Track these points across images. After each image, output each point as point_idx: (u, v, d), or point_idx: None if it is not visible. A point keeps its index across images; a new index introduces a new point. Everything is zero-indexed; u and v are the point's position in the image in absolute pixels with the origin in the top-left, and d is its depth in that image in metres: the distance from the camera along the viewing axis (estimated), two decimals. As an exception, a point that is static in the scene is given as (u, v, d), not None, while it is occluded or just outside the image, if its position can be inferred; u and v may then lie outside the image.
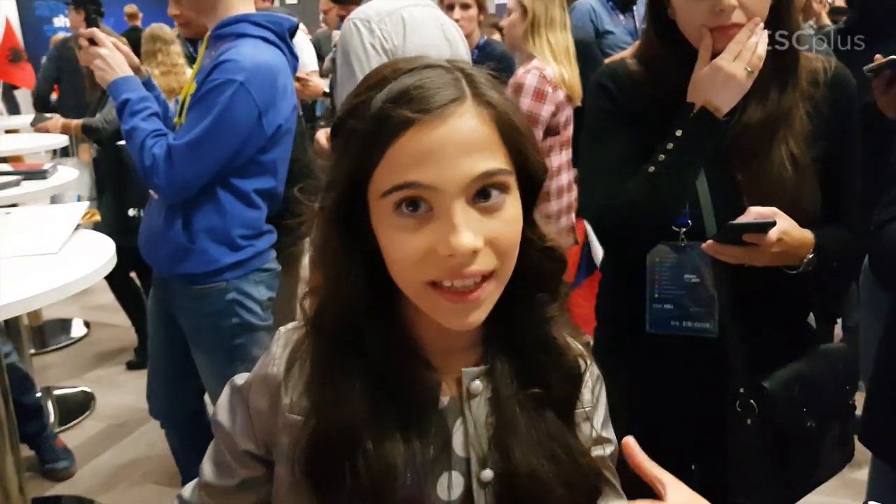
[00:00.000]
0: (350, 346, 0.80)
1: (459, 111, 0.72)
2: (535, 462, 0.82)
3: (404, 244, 0.73)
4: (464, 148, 0.72)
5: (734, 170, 1.31)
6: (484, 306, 0.76)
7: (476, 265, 0.72)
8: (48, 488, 2.89)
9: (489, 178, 0.72)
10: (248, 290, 2.00)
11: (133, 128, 1.90)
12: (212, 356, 2.05)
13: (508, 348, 0.85)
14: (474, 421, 0.84)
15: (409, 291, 0.77)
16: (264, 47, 1.91)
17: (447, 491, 0.83)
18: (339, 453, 0.78)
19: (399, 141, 0.71)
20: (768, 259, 1.27)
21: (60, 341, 4.23)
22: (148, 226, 2.06)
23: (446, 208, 0.71)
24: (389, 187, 0.72)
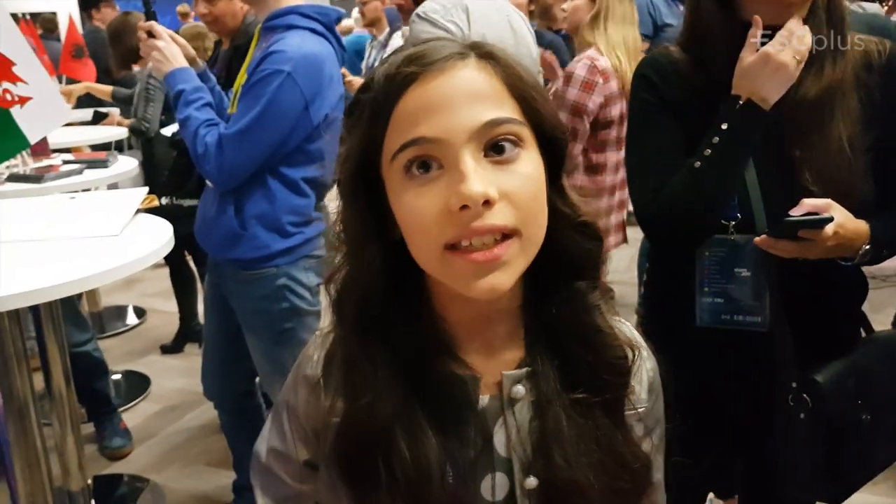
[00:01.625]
0: (375, 335, 0.77)
1: (462, 64, 0.72)
2: (579, 473, 0.77)
3: (417, 205, 0.70)
4: (468, 97, 0.70)
5: (791, 146, 1.27)
6: (508, 269, 0.71)
7: (492, 219, 0.68)
8: (104, 466, 2.99)
9: (497, 126, 0.70)
10: (298, 276, 2.06)
11: (187, 117, 1.97)
12: (262, 339, 2.11)
13: (551, 344, 0.81)
14: (517, 425, 0.80)
15: (427, 261, 0.73)
16: (312, 38, 1.95)
17: (491, 492, 0.81)
18: (370, 449, 0.76)
19: (403, 99, 0.71)
20: (823, 253, 1.24)
21: (117, 327, 4.36)
22: (203, 212, 2.13)
23: (454, 160, 0.69)
24: (397, 147, 0.71)
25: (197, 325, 4.00)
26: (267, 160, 1.95)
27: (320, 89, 1.94)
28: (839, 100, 1.27)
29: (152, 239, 1.93)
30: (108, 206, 2.25)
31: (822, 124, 1.26)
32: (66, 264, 1.71)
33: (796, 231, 1.21)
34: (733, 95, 1.28)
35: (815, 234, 1.20)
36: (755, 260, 1.33)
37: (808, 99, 1.26)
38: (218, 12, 2.66)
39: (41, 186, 2.72)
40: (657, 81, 1.38)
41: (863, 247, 1.27)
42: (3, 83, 2.32)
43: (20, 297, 1.58)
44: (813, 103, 1.26)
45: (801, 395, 1.31)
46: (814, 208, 1.21)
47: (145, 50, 2.08)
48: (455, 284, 0.73)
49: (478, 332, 0.80)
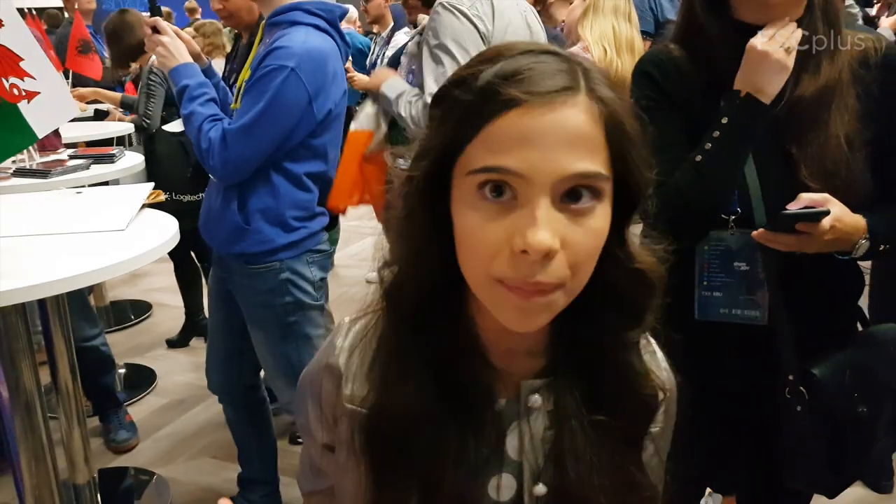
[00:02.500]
0: (418, 327, 0.78)
1: (571, 101, 0.67)
2: (589, 491, 0.78)
3: (480, 229, 0.68)
4: (565, 142, 0.66)
5: (789, 143, 1.28)
6: (548, 312, 0.71)
7: (544, 276, 0.67)
8: (110, 460, 3.01)
9: (584, 179, 0.67)
10: (301, 271, 2.07)
11: (191, 112, 1.98)
12: (266, 333, 2.13)
13: (574, 363, 0.80)
14: (531, 433, 0.81)
15: (475, 283, 0.73)
16: (315, 34, 1.96)
17: (496, 491, 0.82)
18: (395, 432, 0.78)
19: (500, 119, 0.67)
20: (820, 246, 1.25)
21: (124, 321, 4.39)
22: (207, 207, 2.14)
23: (531, 200, 0.66)
24: (479, 167, 0.68)
25: (203, 319, 4.02)
26: (271, 155, 1.96)
27: (324, 85, 1.95)
28: (836, 97, 1.28)
29: (158, 234, 1.94)
30: (114, 202, 2.27)
31: (818, 122, 1.27)
32: (72, 259, 1.72)
33: (794, 224, 1.22)
34: (733, 90, 1.29)
35: (812, 227, 1.21)
36: (754, 254, 1.34)
37: (806, 97, 1.28)
38: (232, 7, 2.68)
39: (48, 181, 2.74)
40: (658, 77, 1.39)
41: (860, 241, 1.28)
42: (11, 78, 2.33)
43: (26, 291, 1.59)
44: (810, 101, 1.27)
45: (798, 388, 1.32)
46: (811, 202, 1.22)
47: (150, 45, 2.09)
48: (494, 310, 0.72)
49: (504, 339, 0.80)
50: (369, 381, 0.81)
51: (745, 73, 1.28)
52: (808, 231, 1.22)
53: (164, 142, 3.42)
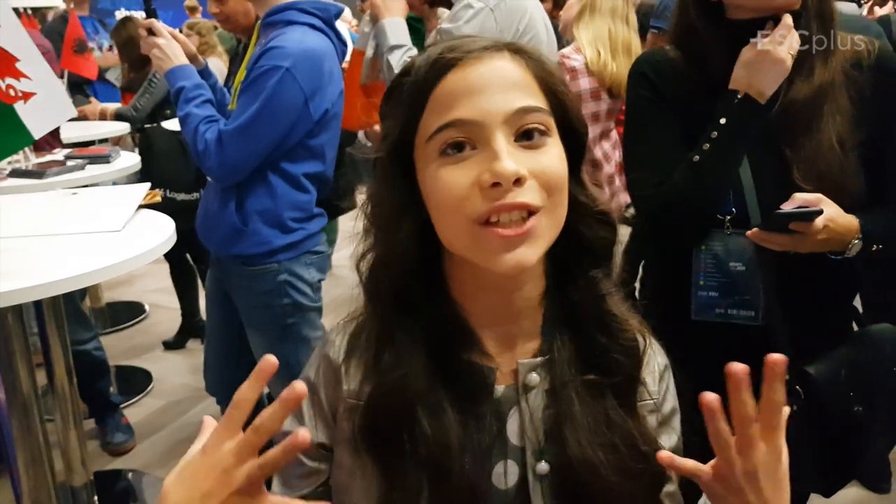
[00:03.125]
0: (406, 308, 0.81)
1: (498, 55, 0.78)
2: (591, 452, 0.80)
3: (449, 180, 0.75)
4: (503, 85, 0.76)
5: (782, 146, 1.30)
6: (534, 244, 0.75)
7: (522, 196, 0.73)
8: (107, 462, 3.00)
9: (528, 113, 0.75)
10: (299, 272, 2.06)
11: (187, 114, 1.98)
12: (264, 334, 2.12)
13: (568, 331, 0.84)
14: (531, 412, 0.83)
15: (457, 240, 0.77)
16: (311, 33, 1.96)
17: (503, 479, 0.83)
18: (397, 420, 0.79)
19: (442, 83, 0.77)
20: (814, 246, 1.27)
21: (120, 323, 4.37)
22: (204, 208, 2.14)
23: (488, 141, 0.74)
24: (434, 129, 0.76)
25: (199, 321, 4.01)
26: (268, 156, 1.95)
27: (320, 85, 1.95)
28: (829, 99, 1.29)
29: (155, 234, 1.93)
30: (110, 202, 2.26)
31: (811, 125, 1.29)
32: (69, 260, 1.72)
33: (787, 224, 1.24)
34: (730, 90, 1.30)
35: (806, 226, 1.23)
36: (750, 254, 1.34)
37: (799, 100, 1.29)
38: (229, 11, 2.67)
39: (43, 182, 2.72)
40: (654, 78, 1.41)
41: (853, 241, 1.29)
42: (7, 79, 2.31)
43: (22, 292, 1.58)
44: (803, 104, 1.29)
45: (794, 387, 1.33)
46: (805, 202, 1.24)
47: (146, 48, 2.09)
48: (483, 259, 0.76)
49: (497, 323, 0.84)
50: (367, 373, 0.83)
51: (742, 73, 1.29)
52: (802, 230, 1.23)
53: (163, 139, 3.41)
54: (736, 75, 1.30)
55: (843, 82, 1.30)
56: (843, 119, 1.29)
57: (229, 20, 2.72)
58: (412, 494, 0.78)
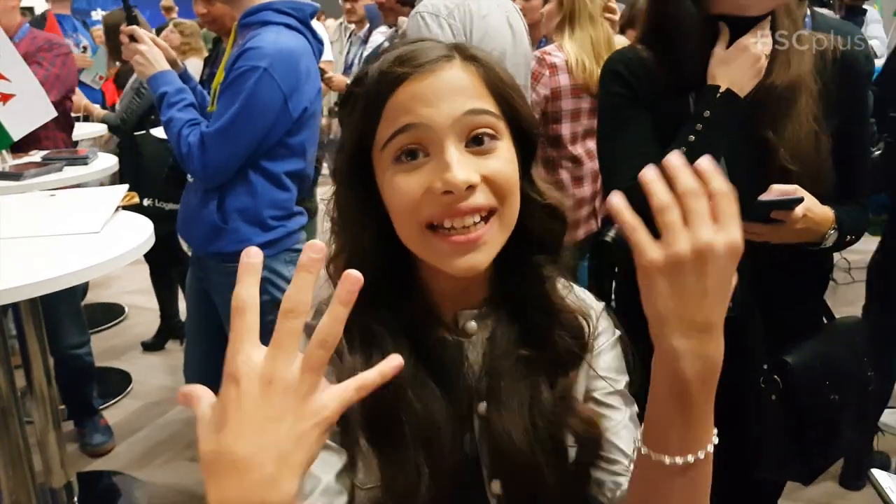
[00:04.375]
0: (378, 305, 0.84)
1: (448, 65, 0.80)
2: (509, 425, 0.84)
3: (402, 186, 0.78)
4: (451, 91, 0.79)
5: (764, 129, 1.32)
6: (485, 249, 0.79)
7: (475, 200, 0.77)
8: (87, 463, 2.99)
9: (476, 116, 0.79)
10: (279, 269, 2.07)
11: (170, 118, 1.99)
12: (243, 332, 2.13)
13: (513, 311, 0.89)
14: (470, 359, 0.88)
15: (410, 240, 0.82)
16: (287, 33, 1.97)
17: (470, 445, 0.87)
18: (391, 408, 0.81)
19: (395, 94, 0.79)
20: (792, 236, 1.29)
21: (99, 324, 4.34)
22: (185, 207, 2.14)
23: (440, 147, 0.77)
24: (388, 136, 0.79)
25: (178, 321, 4.00)
26: (249, 155, 1.97)
27: (298, 83, 1.97)
28: (805, 87, 1.32)
29: (133, 236, 1.94)
30: (89, 204, 2.26)
31: (790, 108, 1.31)
32: (47, 261, 1.72)
33: (769, 212, 1.26)
34: (709, 86, 1.32)
35: (787, 215, 1.25)
36: None
37: (778, 85, 1.32)
38: (216, 13, 2.67)
39: (21, 184, 2.71)
40: (627, 76, 1.42)
41: (828, 232, 1.33)
42: (-15, 81, 2.31)
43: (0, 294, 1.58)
44: (782, 89, 1.32)
45: (772, 377, 1.36)
46: (783, 194, 1.26)
47: (128, 54, 2.10)
48: (435, 262, 0.81)
49: (455, 299, 0.88)
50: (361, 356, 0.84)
51: (722, 69, 1.31)
52: (783, 219, 1.26)
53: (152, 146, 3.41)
54: (715, 71, 1.32)
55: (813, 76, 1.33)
56: (816, 107, 1.32)
57: (216, 22, 2.72)
58: (413, 478, 0.81)
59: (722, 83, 1.31)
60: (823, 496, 2.57)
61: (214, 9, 2.69)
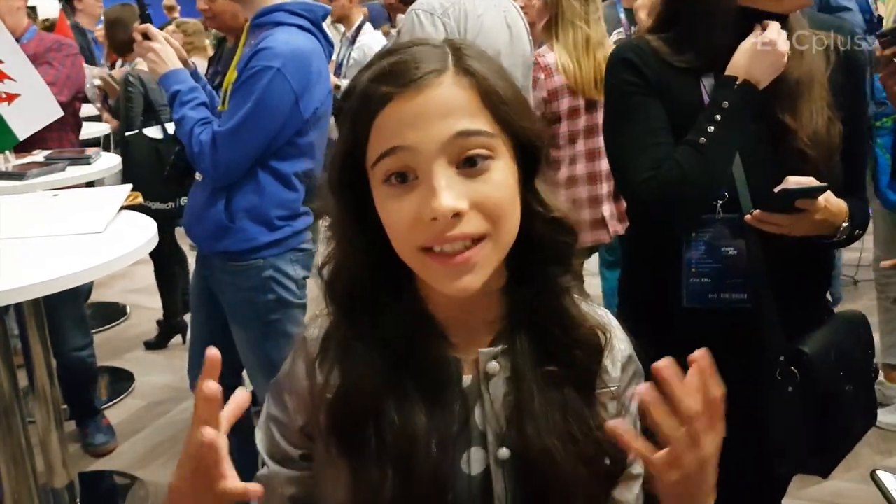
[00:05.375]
0: (364, 316, 0.84)
1: (437, 81, 0.76)
2: (548, 441, 0.82)
3: (394, 212, 0.77)
4: (441, 112, 0.75)
5: (782, 114, 1.32)
6: (478, 271, 0.77)
7: (461, 228, 0.74)
8: (89, 463, 2.99)
9: (468, 137, 0.75)
10: (285, 269, 2.08)
11: (182, 116, 2.00)
12: (248, 331, 2.13)
13: (528, 325, 0.86)
14: (492, 400, 0.85)
15: (406, 259, 0.80)
16: (299, 34, 1.98)
17: (468, 465, 0.85)
18: (362, 418, 0.81)
19: (381, 114, 0.76)
20: (811, 227, 1.29)
21: (102, 324, 4.34)
22: (192, 205, 2.15)
23: (428, 171, 0.74)
24: (376, 157, 0.77)
25: (181, 321, 4.00)
26: (260, 155, 1.97)
27: (309, 84, 1.97)
28: (817, 78, 1.33)
29: (136, 235, 1.93)
30: (92, 204, 2.25)
31: (806, 93, 1.32)
32: (50, 261, 1.71)
33: (793, 201, 1.26)
34: (727, 77, 1.32)
35: (811, 203, 1.26)
36: (741, 238, 1.36)
37: (793, 75, 1.32)
38: (217, 9, 2.67)
39: (24, 184, 2.71)
40: (638, 63, 1.40)
41: (842, 224, 1.33)
42: (-8, 81, 2.32)
43: (3, 294, 1.57)
44: (798, 78, 1.33)
45: (789, 369, 1.35)
46: (799, 184, 1.26)
47: (141, 52, 2.11)
48: (428, 280, 0.80)
49: (459, 315, 0.86)
50: (332, 371, 0.85)
51: (743, 61, 1.31)
52: (807, 207, 1.26)
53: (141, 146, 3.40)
54: (736, 62, 1.32)
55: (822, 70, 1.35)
56: (828, 94, 1.33)
57: (216, 18, 2.72)
58: (376, 489, 0.80)
59: (741, 75, 1.31)
60: (827, 495, 2.56)
61: (216, 5, 2.69)
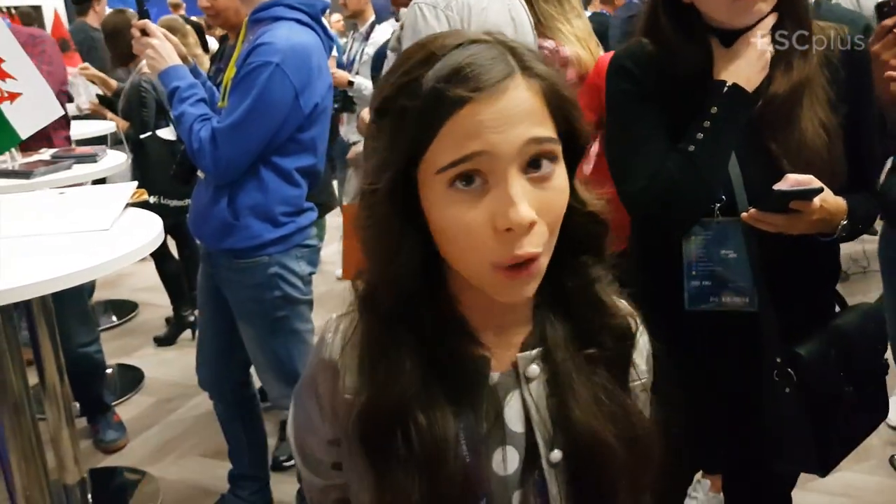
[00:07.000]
0: (401, 322, 0.81)
1: (512, 85, 0.73)
2: (595, 422, 0.82)
3: (463, 221, 0.73)
4: (517, 118, 0.72)
5: (767, 140, 1.31)
6: (538, 277, 0.77)
7: (530, 246, 0.73)
8: (100, 460, 3.01)
9: (540, 144, 0.73)
10: (290, 265, 2.08)
11: (182, 113, 1.99)
12: (255, 328, 2.13)
13: (560, 314, 0.86)
14: (535, 403, 0.85)
15: (470, 272, 0.78)
16: (298, 29, 1.97)
17: (503, 465, 0.84)
18: (390, 425, 0.79)
19: (454, 117, 0.72)
20: (807, 227, 1.28)
21: (110, 321, 4.37)
22: (196, 203, 2.15)
23: (502, 178, 0.72)
24: (447, 163, 0.72)
25: (190, 315, 4.01)
26: (260, 151, 1.97)
27: (309, 79, 1.96)
28: (808, 91, 1.32)
29: (143, 232, 1.94)
30: (98, 201, 2.26)
31: (793, 117, 1.31)
32: (57, 259, 1.72)
33: (788, 202, 1.25)
34: (716, 81, 1.32)
35: (806, 205, 1.24)
36: (740, 241, 1.36)
37: (779, 94, 1.31)
38: (220, 6, 2.67)
39: (30, 182, 2.72)
40: (636, 71, 1.41)
41: (841, 222, 1.32)
42: (-7, 80, 2.32)
43: (11, 292, 1.58)
44: (784, 98, 1.31)
45: (785, 370, 1.35)
46: (797, 183, 1.25)
47: (139, 48, 2.10)
48: (490, 292, 0.78)
49: (492, 316, 0.85)
50: (361, 375, 0.83)
51: (728, 64, 1.31)
52: (801, 209, 1.25)
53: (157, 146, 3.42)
54: (721, 66, 1.32)
55: (820, 69, 1.33)
56: (823, 107, 1.31)
57: (219, 16, 2.72)
58: (404, 493, 0.79)
59: (728, 79, 1.31)
60: (838, 487, 2.55)
61: (219, 3, 2.69)
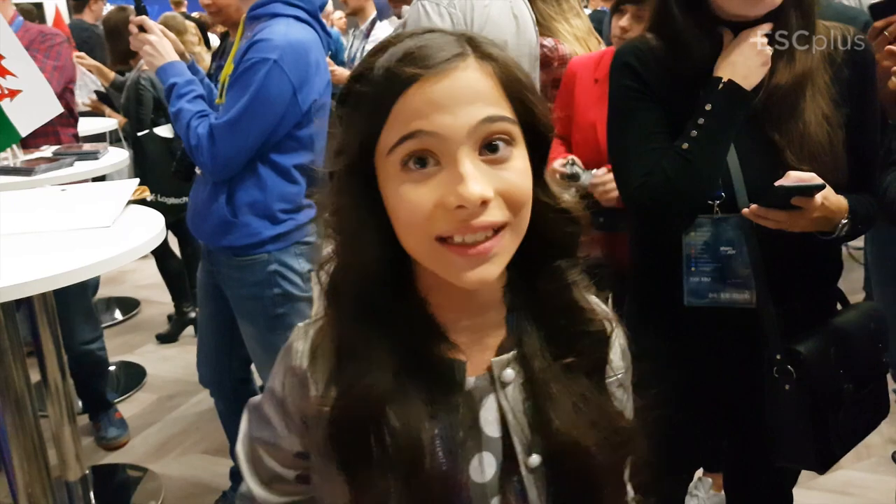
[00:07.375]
0: (371, 321, 0.79)
1: (462, 65, 0.73)
2: (575, 432, 0.80)
3: (412, 198, 0.72)
4: (467, 97, 0.72)
5: (770, 132, 1.31)
6: (496, 260, 0.74)
7: (487, 216, 0.71)
8: (102, 457, 3.02)
9: (493, 123, 0.72)
10: (289, 262, 2.07)
11: (179, 109, 1.99)
12: (255, 325, 2.13)
13: (535, 319, 0.84)
14: (512, 408, 0.83)
15: (418, 251, 0.76)
16: (296, 25, 1.96)
17: (480, 472, 0.82)
18: (363, 425, 0.77)
19: (404, 96, 0.72)
20: (808, 224, 1.28)
21: (112, 318, 4.38)
22: (194, 201, 2.14)
23: (453, 158, 0.71)
24: (396, 140, 0.72)
25: (192, 313, 4.02)
26: (258, 148, 1.96)
27: (307, 76, 1.96)
28: (811, 83, 1.31)
29: (144, 230, 1.94)
30: (100, 198, 2.26)
31: (796, 108, 1.31)
32: (59, 256, 1.72)
33: (790, 198, 1.25)
34: (713, 77, 1.32)
35: (807, 201, 1.24)
36: (740, 237, 1.36)
37: (782, 85, 1.31)
38: (221, 3, 2.67)
39: (32, 179, 2.72)
40: (638, 67, 1.41)
41: (842, 220, 1.32)
42: (-7, 77, 2.32)
43: (12, 289, 1.58)
44: (787, 89, 1.31)
45: (785, 367, 1.35)
46: (799, 180, 1.25)
47: (136, 44, 2.10)
48: (445, 275, 0.76)
49: (463, 316, 0.83)
50: (333, 379, 0.81)
51: (726, 61, 1.31)
52: (803, 205, 1.25)
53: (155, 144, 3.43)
54: (721, 63, 1.32)
55: (823, 67, 1.33)
56: (825, 100, 1.31)
57: (221, 12, 2.72)
58: (380, 500, 0.77)
59: (725, 75, 1.31)
60: (839, 484, 2.55)
61: None
